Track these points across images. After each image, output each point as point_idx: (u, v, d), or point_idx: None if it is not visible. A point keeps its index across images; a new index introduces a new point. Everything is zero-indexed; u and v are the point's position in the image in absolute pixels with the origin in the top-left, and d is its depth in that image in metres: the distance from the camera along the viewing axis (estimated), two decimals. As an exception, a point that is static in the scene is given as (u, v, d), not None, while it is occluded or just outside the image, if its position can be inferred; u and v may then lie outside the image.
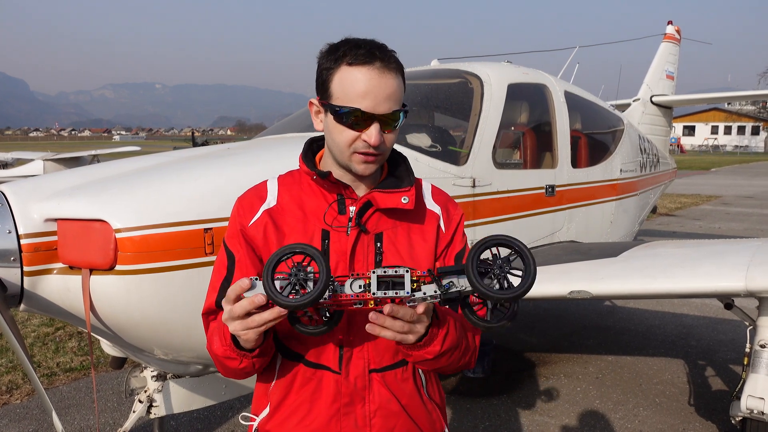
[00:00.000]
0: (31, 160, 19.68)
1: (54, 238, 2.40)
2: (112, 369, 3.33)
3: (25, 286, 2.36)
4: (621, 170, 5.76)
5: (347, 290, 1.21)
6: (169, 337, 2.59)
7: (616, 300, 7.30)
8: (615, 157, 5.70)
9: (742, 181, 28.70)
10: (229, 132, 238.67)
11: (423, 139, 3.83)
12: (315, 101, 1.47)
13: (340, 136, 1.40)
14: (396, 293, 1.19)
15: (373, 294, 1.19)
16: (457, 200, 3.78)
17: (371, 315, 1.22)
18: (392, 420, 1.48)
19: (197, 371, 2.98)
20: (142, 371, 3.03)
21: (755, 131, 78.49)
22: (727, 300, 3.75)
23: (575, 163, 4.94)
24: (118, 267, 2.38)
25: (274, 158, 3.07)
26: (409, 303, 1.22)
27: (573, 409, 4.53)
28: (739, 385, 3.51)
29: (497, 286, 1.14)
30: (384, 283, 1.19)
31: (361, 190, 1.49)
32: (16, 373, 5.05)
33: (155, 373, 2.98)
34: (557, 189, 4.62)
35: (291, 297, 1.15)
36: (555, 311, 7.02)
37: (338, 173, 1.47)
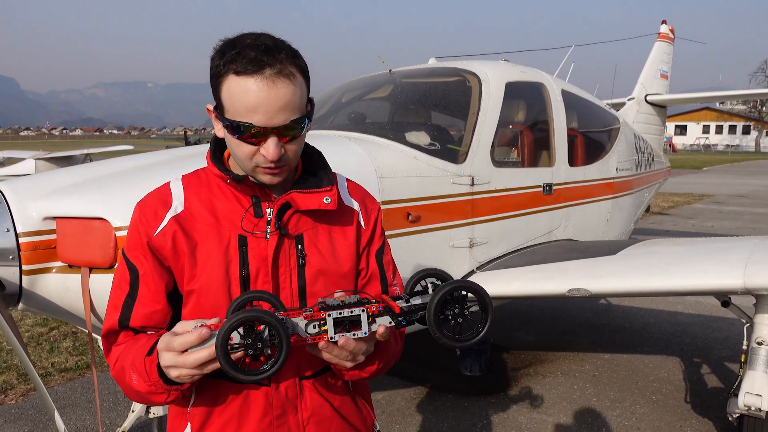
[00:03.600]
0: (23, 159, 19.54)
1: (53, 236, 2.38)
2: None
3: (24, 285, 2.34)
4: (617, 169, 5.78)
5: (301, 332, 1.17)
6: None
7: (611, 298, 7.33)
8: (611, 155, 5.72)
9: (733, 179, 28.88)
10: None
11: (422, 138, 3.83)
12: (211, 108, 1.33)
13: (238, 149, 1.28)
14: (354, 335, 1.18)
15: (331, 338, 1.17)
16: (455, 198, 3.82)
17: (321, 344, 1.18)
18: (326, 424, 1.43)
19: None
20: (141, 371, 3.01)
21: (746, 130, 79.07)
22: (725, 297, 3.77)
23: (572, 162, 4.95)
24: (117, 265, 2.36)
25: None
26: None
27: (570, 407, 4.54)
28: (737, 383, 3.53)
29: (452, 333, 1.16)
30: (340, 323, 1.17)
31: (277, 191, 1.39)
32: (11, 373, 5.01)
33: (154, 373, 2.96)
34: (554, 187, 4.63)
35: (250, 368, 1.10)
36: (550, 310, 7.04)
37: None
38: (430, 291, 1.25)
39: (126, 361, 1.29)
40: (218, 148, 1.43)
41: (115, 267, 1.49)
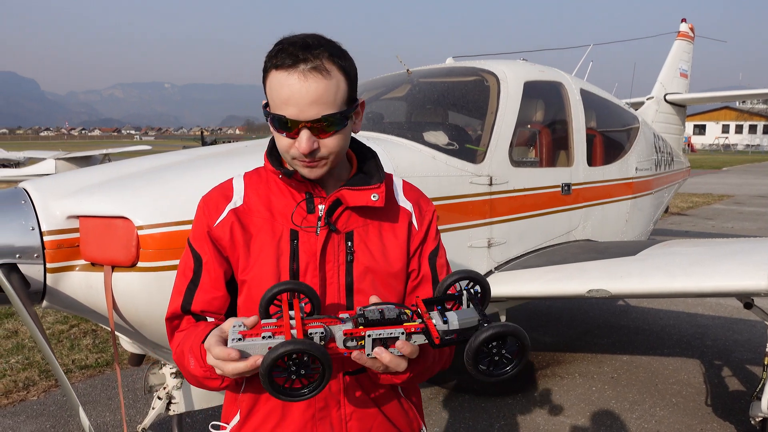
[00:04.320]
0: (43, 159, 19.81)
1: (76, 235, 2.41)
2: (131, 366, 3.34)
3: (48, 282, 2.36)
4: (636, 169, 5.72)
5: (338, 341, 1.18)
6: (189, 334, 2.60)
7: (629, 300, 7.26)
8: (630, 155, 5.66)
9: (754, 180, 28.46)
10: (237, 131, 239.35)
11: (440, 137, 3.82)
12: (263, 104, 1.40)
13: (279, 142, 1.35)
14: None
15: (368, 356, 1.18)
16: (473, 198, 3.81)
17: (355, 355, 1.19)
18: (368, 422, 1.45)
19: (216, 368, 2.99)
20: (161, 368, 3.04)
21: (767, 130, 77.84)
22: (747, 299, 3.71)
23: (591, 162, 4.91)
24: (139, 264, 2.39)
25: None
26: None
27: (588, 408, 4.50)
28: (760, 386, 3.48)
29: (486, 367, 1.16)
30: (379, 341, 1.18)
31: (329, 188, 1.43)
32: (33, 369, 5.08)
33: (174, 370, 2.99)
34: (573, 187, 4.60)
35: (291, 388, 1.11)
36: (568, 311, 6.98)
37: None
38: (464, 297, 1.26)
39: (185, 346, 1.34)
40: (275, 147, 1.47)
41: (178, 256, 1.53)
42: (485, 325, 1.15)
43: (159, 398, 3.02)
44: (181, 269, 1.46)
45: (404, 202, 1.52)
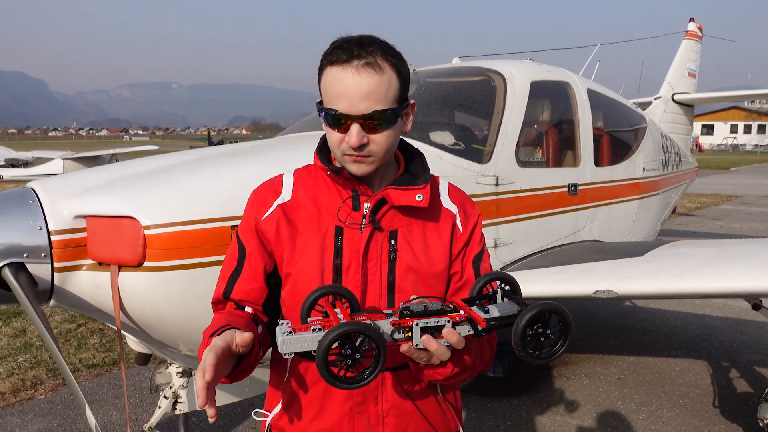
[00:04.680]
0: (51, 159, 19.92)
1: (83, 234, 2.42)
2: (137, 365, 3.35)
3: (55, 282, 2.38)
4: (644, 169, 5.69)
5: (386, 336, 1.19)
6: (195, 333, 2.59)
7: (636, 300, 7.23)
8: (638, 155, 5.63)
9: (762, 180, 28.28)
10: (244, 131, 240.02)
11: (446, 137, 3.81)
12: (317, 101, 1.44)
13: (330, 137, 1.38)
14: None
15: (416, 345, 1.19)
16: (480, 198, 3.79)
17: (404, 348, 1.20)
18: (406, 419, 1.46)
19: (222, 368, 2.99)
20: (168, 367, 3.05)
21: (776, 130, 77.36)
22: (756, 300, 3.69)
23: (598, 162, 4.89)
24: (146, 263, 2.40)
25: (299, 155, 3.06)
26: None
27: (595, 409, 4.48)
28: (768, 388, 3.46)
29: (533, 350, 1.18)
30: (425, 330, 1.19)
31: (375, 187, 1.46)
32: (41, 368, 5.11)
33: (180, 370, 3.00)
34: (580, 188, 4.58)
35: (347, 376, 1.13)
36: (575, 311, 6.96)
37: None
38: (499, 297, 1.27)
39: (206, 331, 1.38)
40: (326, 145, 1.50)
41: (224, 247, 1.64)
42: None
43: (165, 397, 3.03)
44: (228, 257, 1.51)
45: (449, 204, 1.53)
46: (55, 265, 2.36)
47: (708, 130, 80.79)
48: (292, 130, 4.32)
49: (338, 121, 1.32)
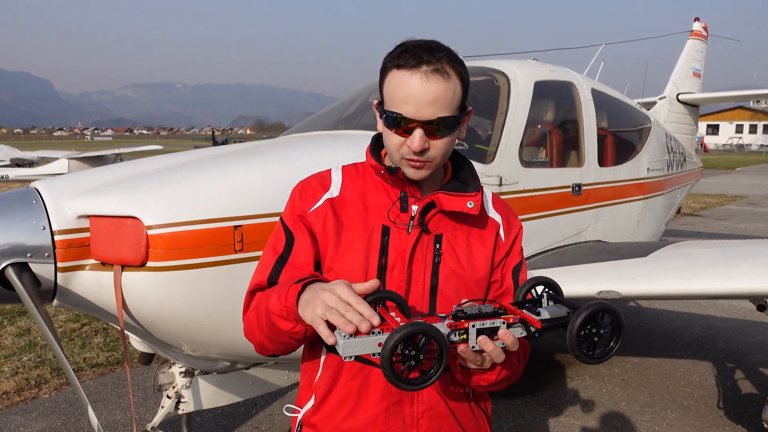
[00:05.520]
0: (56, 158, 20.00)
1: (86, 234, 2.42)
2: (140, 365, 3.35)
3: (59, 281, 2.38)
4: (648, 169, 5.67)
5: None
6: (198, 333, 2.61)
7: (640, 301, 7.20)
8: (642, 155, 5.62)
9: (768, 180, 28.16)
10: (248, 131, 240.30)
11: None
12: (375, 102, 1.44)
13: (390, 139, 1.38)
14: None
15: (472, 347, 1.20)
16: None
17: (461, 348, 1.20)
18: (439, 421, 1.47)
19: (225, 368, 3.00)
20: (171, 367, 3.04)
21: (781, 130, 77.00)
22: (761, 301, 3.67)
23: (602, 162, 4.88)
24: (149, 263, 2.40)
25: (302, 155, 3.07)
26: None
27: (598, 410, 4.47)
28: (773, 389, 3.44)
29: (587, 351, 1.18)
30: (481, 332, 1.20)
31: (424, 190, 1.46)
32: (45, 367, 5.12)
33: (183, 369, 3.00)
34: (584, 188, 4.57)
35: (410, 377, 1.12)
36: (579, 312, 6.94)
37: None
38: (545, 301, 1.28)
39: (271, 295, 1.34)
40: (378, 144, 1.51)
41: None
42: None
43: (168, 397, 3.03)
44: (271, 245, 1.49)
45: (493, 214, 1.55)
46: (59, 264, 2.36)
47: (713, 129, 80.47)
48: (296, 130, 4.32)
49: (401, 125, 1.32)
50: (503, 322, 1.20)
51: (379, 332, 1.13)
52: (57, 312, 6.50)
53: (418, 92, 1.29)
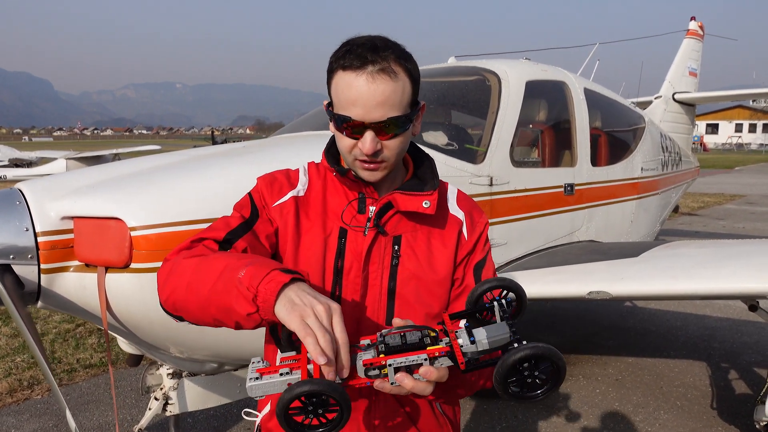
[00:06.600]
0: (54, 159, 20.01)
1: (70, 235, 2.41)
2: (129, 366, 3.34)
3: (42, 283, 2.37)
4: (642, 169, 5.66)
5: (360, 372, 1.13)
6: (183, 335, 2.59)
7: (636, 301, 7.19)
8: (636, 155, 5.60)
9: (767, 180, 28.14)
10: (248, 131, 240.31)
11: (439, 137, 3.79)
12: (325, 104, 1.41)
13: (341, 142, 1.35)
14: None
15: (392, 383, 1.13)
16: (473, 199, 3.75)
17: (377, 384, 1.13)
18: (397, 430, 1.42)
19: (212, 369, 2.99)
20: (158, 369, 3.04)
21: (781, 129, 76.98)
22: (752, 301, 3.66)
23: (595, 162, 4.86)
24: (133, 265, 2.39)
25: (290, 156, 3.06)
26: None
27: (592, 411, 4.46)
28: (764, 389, 3.43)
29: (517, 390, 1.09)
30: (401, 368, 1.12)
31: (383, 190, 1.43)
32: (37, 369, 5.11)
33: (171, 371, 2.99)
34: (576, 188, 4.56)
35: (309, 425, 1.06)
36: (574, 312, 6.93)
37: None
38: (497, 310, 1.18)
39: (241, 261, 1.18)
40: (334, 146, 1.47)
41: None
42: (515, 345, 1.08)
43: (156, 399, 3.02)
44: (237, 209, 1.43)
45: (456, 211, 1.50)
46: (42, 266, 2.35)
47: (713, 129, 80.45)
48: (286, 131, 4.31)
49: (353, 127, 1.29)
50: (426, 358, 1.11)
51: (288, 372, 1.09)
52: (53, 312, 6.49)
53: (366, 94, 1.26)
